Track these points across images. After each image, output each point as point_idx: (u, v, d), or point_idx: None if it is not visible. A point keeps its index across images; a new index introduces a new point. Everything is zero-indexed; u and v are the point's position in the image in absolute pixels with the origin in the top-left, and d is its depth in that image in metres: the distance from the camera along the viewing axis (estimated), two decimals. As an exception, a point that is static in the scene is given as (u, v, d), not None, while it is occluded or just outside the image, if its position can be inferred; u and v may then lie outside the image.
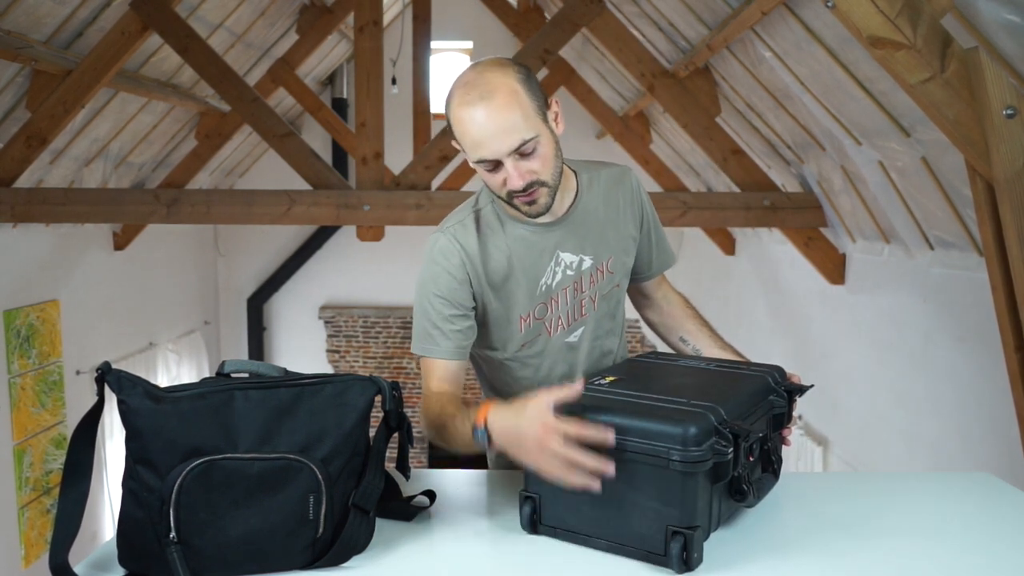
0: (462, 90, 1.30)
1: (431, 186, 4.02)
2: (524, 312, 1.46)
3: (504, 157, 1.29)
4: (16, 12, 3.42)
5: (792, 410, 1.34)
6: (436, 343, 1.42)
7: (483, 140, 1.29)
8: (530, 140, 1.29)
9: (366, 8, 3.91)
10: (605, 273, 1.51)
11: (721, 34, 3.30)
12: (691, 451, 1.05)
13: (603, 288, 1.52)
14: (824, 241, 3.98)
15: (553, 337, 1.50)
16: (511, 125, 1.28)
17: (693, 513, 1.07)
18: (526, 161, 1.31)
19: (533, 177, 1.32)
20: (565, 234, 1.47)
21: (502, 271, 1.44)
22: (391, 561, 1.13)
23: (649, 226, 1.59)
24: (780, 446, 1.33)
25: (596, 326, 1.54)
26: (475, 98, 1.28)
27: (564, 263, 1.47)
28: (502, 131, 1.28)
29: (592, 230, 1.49)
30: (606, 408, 1.13)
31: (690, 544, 1.06)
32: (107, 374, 1.07)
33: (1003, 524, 1.26)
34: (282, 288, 8.34)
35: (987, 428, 2.76)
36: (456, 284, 1.42)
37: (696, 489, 1.07)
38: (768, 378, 1.31)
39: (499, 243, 1.44)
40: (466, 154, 1.35)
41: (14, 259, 4.85)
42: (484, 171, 1.34)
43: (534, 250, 1.45)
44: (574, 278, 1.48)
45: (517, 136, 1.28)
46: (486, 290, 1.44)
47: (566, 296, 1.48)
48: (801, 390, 1.34)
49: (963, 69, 1.84)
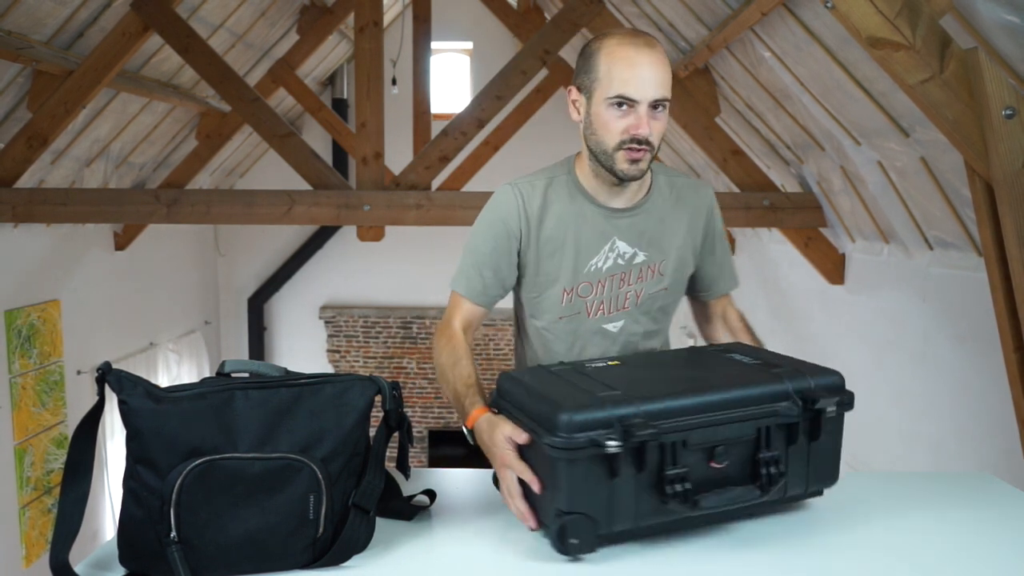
0: (623, 35, 1.41)
1: (431, 186, 4.02)
2: (568, 286, 1.51)
3: (646, 102, 1.37)
4: (17, 12, 3.42)
5: (820, 425, 1.20)
6: (468, 280, 1.52)
7: (637, 78, 1.36)
8: (667, 101, 1.39)
9: (366, 8, 3.91)
10: (656, 273, 1.54)
11: (721, 34, 3.30)
12: (557, 437, 1.08)
13: (650, 287, 1.54)
14: (823, 241, 3.98)
15: (591, 319, 1.54)
16: (665, 79, 1.38)
17: (574, 500, 1.10)
18: (654, 119, 1.39)
19: (654, 137, 1.39)
20: (628, 224, 1.51)
21: (557, 239, 1.50)
22: (391, 561, 1.14)
23: (714, 245, 1.62)
24: (800, 462, 1.20)
25: (636, 323, 1.56)
26: (641, 44, 1.38)
27: (618, 251, 1.51)
28: (657, 80, 1.37)
29: (654, 229, 1.53)
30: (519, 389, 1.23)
31: (566, 530, 1.10)
32: (108, 374, 1.07)
33: (1003, 524, 1.26)
34: (282, 288, 8.34)
35: (986, 428, 2.76)
36: (505, 234, 1.50)
37: (578, 476, 1.09)
38: (785, 383, 1.19)
39: (562, 212, 1.50)
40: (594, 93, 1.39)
41: (15, 259, 4.85)
42: (611, 113, 1.38)
43: (593, 230, 1.50)
44: (624, 268, 1.52)
45: (663, 91, 1.38)
46: (534, 251, 1.50)
47: (612, 283, 1.52)
48: (819, 401, 1.17)
49: (962, 69, 1.84)
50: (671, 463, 1.11)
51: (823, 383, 1.21)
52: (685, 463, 1.13)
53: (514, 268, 1.53)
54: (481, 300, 1.53)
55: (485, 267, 1.51)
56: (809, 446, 1.21)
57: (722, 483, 1.15)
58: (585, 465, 1.10)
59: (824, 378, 1.22)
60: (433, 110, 6.00)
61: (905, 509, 1.31)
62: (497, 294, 1.55)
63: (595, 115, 1.41)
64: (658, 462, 1.12)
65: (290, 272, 8.27)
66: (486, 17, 6.60)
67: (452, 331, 1.51)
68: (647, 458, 1.11)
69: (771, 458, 1.17)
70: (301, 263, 8.25)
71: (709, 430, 1.14)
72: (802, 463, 1.21)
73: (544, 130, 6.28)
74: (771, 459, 1.17)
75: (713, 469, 1.14)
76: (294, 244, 8.24)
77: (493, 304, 1.56)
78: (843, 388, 1.22)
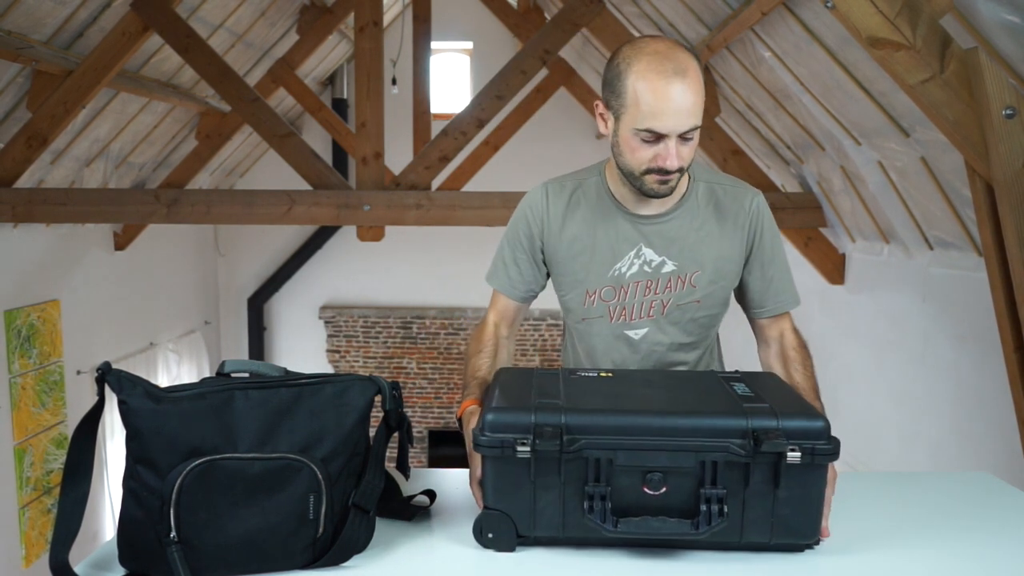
0: (653, 58, 1.31)
1: (431, 186, 4.02)
2: (592, 288, 1.51)
3: (674, 135, 1.32)
4: (17, 12, 3.42)
5: (779, 470, 1.09)
6: (497, 275, 1.58)
7: (665, 112, 1.30)
8: (697, 128, 1.34)
9: (366, 8, 3.91)
10: (687, 284, 1.48)
11: (721, 34, 3.30)
12: (482, 435, 1.13)
13: (680, 298, 1.49)
14: (824, 241, 3.99)
15: (613, 324, 1.52)
16: (694, 108, 1.31)
17: (496, 497, 1.15)
18: (685, 145, 1.34)
19: (684, 163, 1.35)
20: (655, 231, 1.48)
21: (581, 241, 1.50)
22: (391, 561, 1.14)
23: (763, 258, 1.51)
24: (760, 508, 1.11)
25: (662, 333, 1.52)
26: (670, 71, 1.29)
27: (644, 258, 1.49)
28: (686, 111, 1.30)
29: (687, 237, 1.48)
30: (492, 385, 1.29)
31: (483, 524, 1.15)
32: (107, 374, 1.07)
33: (1003, 524, 1.26)
34: (282, 288, 8.34)
35: (986, 428, 2.76)
36: (528, 231, 1.53)
37: (501, 476, 1.13)
38: (746, 420, 1.10)
39: (588, 215, 1.50)
40: (622, 118, 1.35)
41: (15, 259, 4.85)
42: (638, 140, 1.34)
43: (619, 235, 1.49)
44: (651, 276, 1.49)
45: (694, 120, 1.32)
46: (558, 250, 1.52)
47: (637, 290, 1.49)
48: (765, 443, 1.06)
49: (962, 69, 1.84)
50: (594, 479, 1.11)
51: (792, 426, 1.09)
52: (616, 484, 1.11)
53: (536, 266, 1.56)
54: (511, 294, 1.58)
55: (510, 263, 1.56)
56: (775, 494, 1.10)
57: (659, 511, 1.11)
58: (509, 466, 1.13)
59: (798, 421, 1.10)
60: (433, 110, 6.00)
61: (905, 509, 1.31)
62: (528, 290, 1.58)
63: (623, 139, 1.37)
64: (583, 476, 1.12)
65: (290, 272, 8.27)
66: (486, 17, 6.60)
67: (484, 324, 1.59)
68: (573, 471, 1.12)
69: (713, 495, 1.10)
70: (301, 263, 8.24)
71: (639, 453, 1.10)
72: (763, 510, 1.11)
73: (544, 130, 6.29)
74: (713, 496, 1.10)
75: (650, 495, 1.11)
76: (294, 244, 8.24)
77: (527, 299, 1.59)
78: (821, 435, 1.09)
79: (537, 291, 1.60)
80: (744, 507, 1.11)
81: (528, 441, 1.10)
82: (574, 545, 1.16)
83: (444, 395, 8.39)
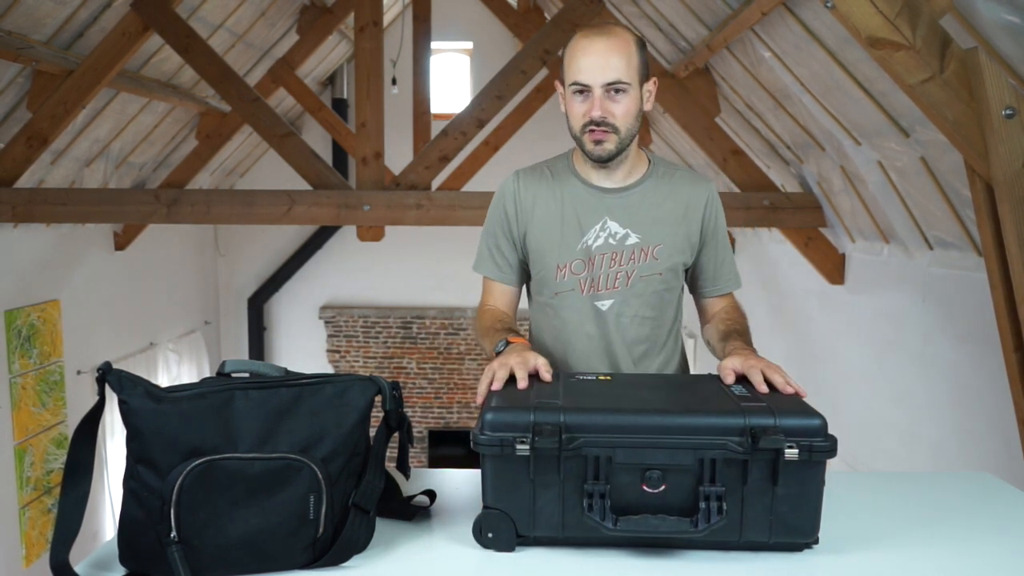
0: (586, 29, 1.51)
1: (431, 186, 4.02)
2: (562, 262, 1.59)
3: (598, 87, 1.46)
4: (17, 12, 3.42)
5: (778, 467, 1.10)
6: (483, 262, 1.67)
7: (588, 65, 1.46)
8: (623, 84, 1.46)
9: (366, 8, 3.91)
10: (649, 256, 1.58)
11: (721, 34, 3.30)
12: (481, 434, 1.13)
13: (643, 270, 1.58)
14: (824, 241, 3.99)
15: (584, 296, 1.60)
16: (616, 63, 1.45)
17: (496, 497, 1.15)
18: (612, 102, 1.47)
19: (611, 117, 1.47)
20: (619, 205, 1.58)
21: (551, 217, 1.59)
22: (391, 561, 1.14)
23: (715, 241, 1.65)
24: (759, 506, 1.12)
25: (628, 304, 1.59)
26: (596, 33, 1.48)
27: (610, 230, 1.57)
28: (608, 63, 1.45)
29: (648, 213, 1.58)
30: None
31: (482, 523, 1.15)
32: (108, 374, 1.07)
33: (1003, 524, 1.26)
34: (282, 288, 8.34)
35: (987, 428, 2.76)
36: (504, 216, 1.63)
37: (500, 475, 1.14)
38: (744, 419, 1.11)
39: (557, 192, 1.60)
40: (564, 84, 1.51)
41: (15, 259, 4.85)
42: (573, 98, 1.49)
43: (585, 208, 1.58)
44: (615, 248, 1.57)
45: (614, 73, 1.45)
46: (531, 228, 1.61)
47: (604, 261, 1.58)
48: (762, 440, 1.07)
49: (962, 69, 1.84)
50: (593, 477, 1.12)
51: (790, 424, 1.10)
52: (615, 482, 1.12)
53: (516, 249, 1.64)
54: (499, 277, 1.66)
55: (494, 249, 1.65)
56: (774, 491, 1.11)
57: (658, 509, 1.11)
58: (508, 465, 1.13)
59: (795, 419, 1.11)
60: (433, 110, 6.00)
61: (905, 509, 1.31)
62: (514, 272, 1.66)
63: (566, 103, 1.53)
64: (582, 475, 1.12)
65: (290, 272, 8.27)
66: (486, 17, 6.60)
67: (482, 307, 1.68)
68: (572, 469, 1.12)
69: (712, 493, 1.11)
70: (301, 263, 8.25)
71: (638, 451, 1.11)
72: (762, 508, 1.11)
73: (544, 130, 6.27)
74: (712, 494, 1.11)
75: (649, 493, 1.11)
76: (294, 244, 8.24)
77: (515, 282, 1.67)
78: (818, 433, 1.10)
79: (522, 276, 1.68)
80: (743, 505, 1.12)
81: (527, 440, 1.11)
82: (573, 545, 1.16)
83: (444, 395, 8.39)
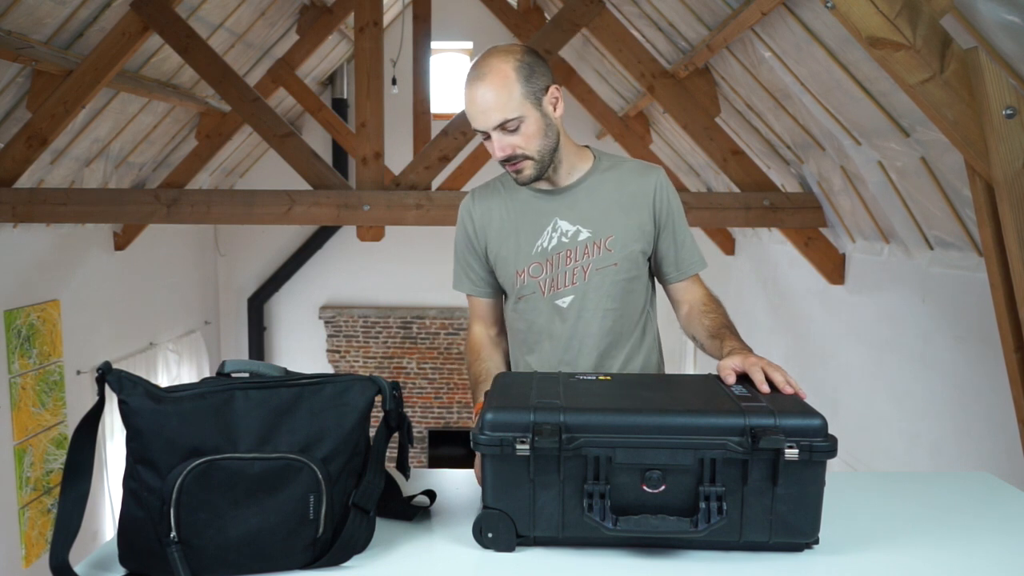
0: (470, 71, 1.53)
1: (431, 186, 4.02)
2: (521, 268, 1.64)
3: (490, 130, 1.51)
4: (17, 12, 3.42)
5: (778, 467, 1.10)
6: (460, 280, 1.73)
7: (474, 115, 1.51)
8: (512, 119, 1.49)
9: (366, 8, 3.91)
10: (602, 249, 1.60)
11: (721, 34, 3.30)
12: (481, 435, 1.14)
13: (598, 262, 1.61)
14: (824, 241, 3.99)
15: (545, 297, 1.64)
16: (496, 104, 1.48)
17: (495, 497, 1.15)
18: (509, 136, 1.51)
19: (513, 151, 1.52)
20: (565, 204, 1.62)
21: (506, 226, 1.65)
22: (391, 561, 1.14)
23: (672, 226, 1.66)
24: (759, 506, 1.12)
25: (588, 298, 1.62)
26: (472, 78, 1.51)
27: (561, 230, 1.62)
28: (488, 108, 1.49)
29: (596, 206, 1.62)
30: (492, 388, 1.29)
31: (482, 523, 1.15)
32: (108, 374, 1.07)
33: (1003, 524, 1.26)
34: (282, 288, 8.34)
35: (987, 428, 2.76)
36: (466, 235, 1.69)
37: (500, 475, 1.14)
38: (744, 418, 1.11)
39: (507, 203, 1.66)
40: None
41: (15, 259, 4.85)
42: (483, 140, 1.55)
43: (535, 213, 1.63)
44: (568, 246, 1.61)
45: (499, 115, 1.49)
46: (490, 240, 1.66)
47: (559, 261, 1.61)
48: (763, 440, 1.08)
49: (962, 69, 1.84)
50: (593, 477, 1.12)
51: (790, 424, 1.10)
52: (615, 482, 1.12)
53: (483, 261, 1.69)
54: (478, 292, 1.72)
55: (465, 266, 1.71)
56: (774, 491, 1.11)
57: (658, 509, 1.11)
58: (508, 465, 1.13)
59: (796, 419, 1.11)
60: (433, 110, 6.00)
61: (905, 509, 1.31)
62: (488, 286, 1.71)
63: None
64: (582, 475, 1.12)
65: (290, 272, 8.27)
66: (486, 17, 6.60)
67: (471, 333, 1.75)
68: (572, 469, 1.12)
69: (712, 493, 1.10)
70: (301, 263, 8.25)
71: (638, 451, 1.10)
72: (762, 508, 1.11)
73: (544, 130, 6.28)
74: (712, 494, 1.10)
75: (649, 493, 1.11)
76: (294, 244, 8.24)
77: (492, 294, 1.72)
78: (819, 433, 1.09)
79: (499, 287, 1.71)
80: (743, 505, 1.12)
81: (527, 440, 1.11)
82: (573, 545, 1.16)
83: (444, 395, 8.39)
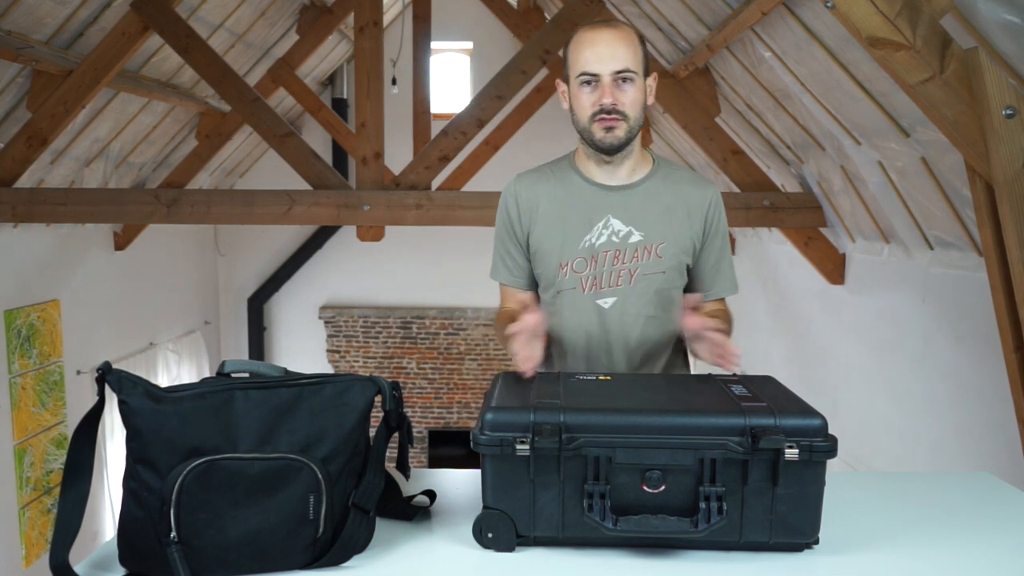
0: (590, 24, 1.54)
1: (431, 186, 4.02)
2: (565, 261, 1.60)
3: (607, 75, 1.49)
4: (17, 12, 3.42)
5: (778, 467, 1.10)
6: (498, 270, 1.69)
7: (596, 55, 1.49)
8: (631, 72, 1.49)
9: (366, 8, 3.91)
10: (653, 254, 1.58)
11: (721, 34, 3.30)
12: (481, 435, 1.13)
13: (647, 268, 1.58)
14: (824, 241, 3.98)
15: (586, 294, 1.60)
16: (624, 53, 1.49)
17: (496, 497, 1.15)
18: (620, 91, 1.50)
19: (620, 105, 1.50)
20: (621, 203, 1.59)
21: (553, 216, 1.60)
22: (391, 561, 1.14)
23: (716, 244, 1.64)
24: (759, 507, 1.11)
25: (630, 303, 1.59)
26: (602, 26, 1.52)
27: (612, 228, 1.58)
28: (617, 53, 1.49)
29: (651, 211, 1.59)
30: (492, 388, 1.29)
31: (482, 523, 1.15)
32: (107, 374, 1.07)
33: (1003, 524, 1.26)
34: (282, 288, 8.34)
35: (987, 428, 2.76)
36: (508, 220, 1.65)
37: (500, 475, 1.14)
38: (744, 419, 1.11)
39: (559, 191, 1.61)
40: (570, 79, 1.54)
41: (15, 259, 4.85)
42: (581, 89, 1.52)
43: (587, 207, 1.59)
44: (619, 246, 1.58)
45: (624, 62, 1.49)
46: (534, 228, 1.62)
47: (606, 259, 1.58)
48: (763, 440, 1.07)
49: (962, 69, 1.84)
50: (593, 478, 1.12)
51: (790, 424, 1.10)
52: (615, 482, 1.12)
53: (522, 249, 1.65)
54: (515, 283, 1.68)
55: (505, 255, 1.67)
56: (774, 491, 1.11)
57: (658, 509, 1.11)
58: (508, 465, 1.13)
59: (796, 419, 1.11)
60: (433, 110, 6.00)
61: (905, 509, 1.31)
62: (526, 276, 1.67)
63: (573, 97, 1.55)
64: (582, 475, 1.12)
65: (290, 272, 8.27)
66: (486, 17, 6.60)
67: (502, 308, 1.70)
68: (572, 469, 1.12)
69: (712, 493, 1.10)
70: (301, 263, 8.24)
71: (638, 451, 1.11)
72: (762, 507, 1.11)
73: (544, 130, 6.28)
74: (712, 494, 1.10)
75: (649, 493, 1.11)
76: (294, 244, 8.24)
77: (528, 285, 1.68)
78: (819, 433, 1.10)
79: (532, 277, 1.68)
80: (743, 505, 1.12)
81: (527, 440, 1.11)
82: (573, 545, 1.16)
83: (444, 395, 8.38)
